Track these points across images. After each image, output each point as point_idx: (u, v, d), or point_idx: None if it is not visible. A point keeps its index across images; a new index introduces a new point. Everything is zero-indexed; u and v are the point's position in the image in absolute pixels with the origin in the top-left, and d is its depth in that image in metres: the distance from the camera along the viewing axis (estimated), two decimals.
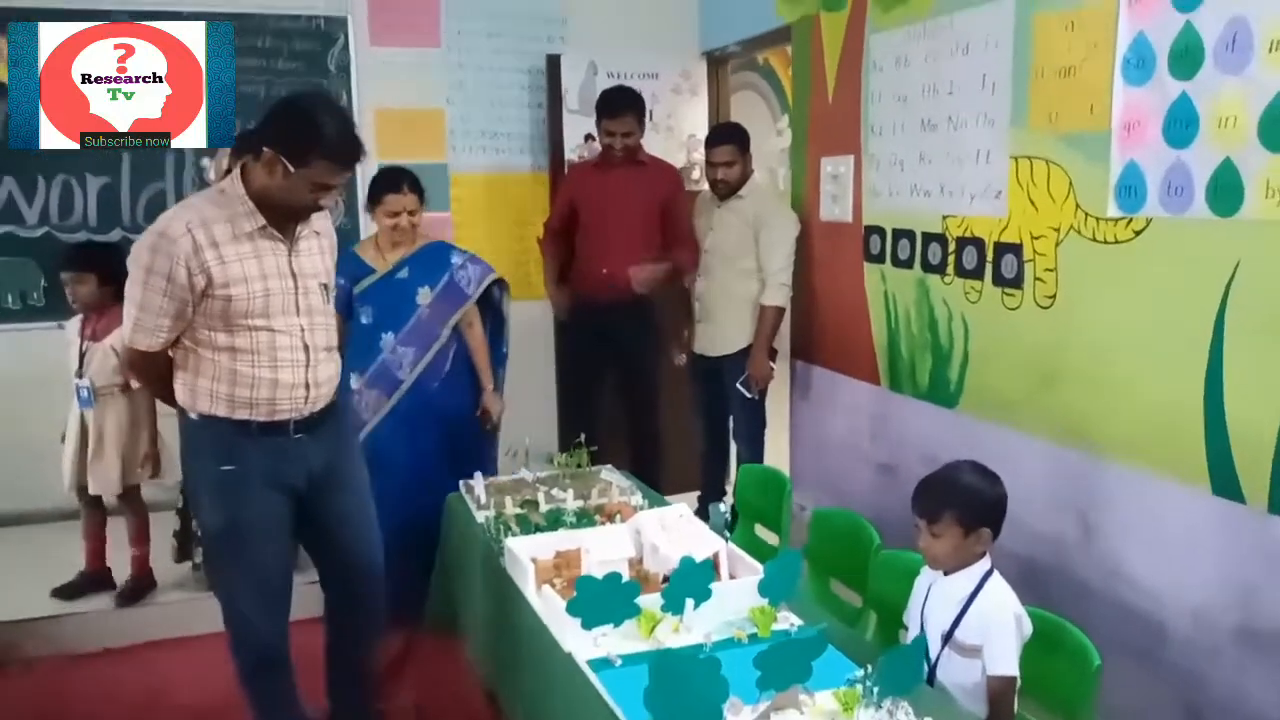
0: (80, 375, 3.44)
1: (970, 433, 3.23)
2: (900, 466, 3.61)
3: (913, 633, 2.19)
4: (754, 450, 4.12)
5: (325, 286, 2.50)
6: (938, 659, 2.07)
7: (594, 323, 4.22)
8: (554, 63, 4.81)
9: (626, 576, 2.15)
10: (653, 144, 4.96)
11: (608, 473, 3.22)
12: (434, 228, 4.62)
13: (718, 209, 4.06)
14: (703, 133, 5.00)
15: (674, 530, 2.50)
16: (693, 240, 4.18)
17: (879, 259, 3.72)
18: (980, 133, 3.14)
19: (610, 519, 2.80)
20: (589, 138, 4.78)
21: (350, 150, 2.28)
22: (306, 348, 2.41)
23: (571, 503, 2.90)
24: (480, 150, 4.86)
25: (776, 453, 4.32)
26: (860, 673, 1.82)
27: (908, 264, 3.55)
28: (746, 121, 6.65)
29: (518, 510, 2.88)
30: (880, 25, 3.63)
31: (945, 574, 2.09)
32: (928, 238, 3.43)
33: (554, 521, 2.79)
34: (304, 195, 2.28)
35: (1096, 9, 2.65)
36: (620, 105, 4.05)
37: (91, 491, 3.52)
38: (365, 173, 3.42)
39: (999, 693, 1.98)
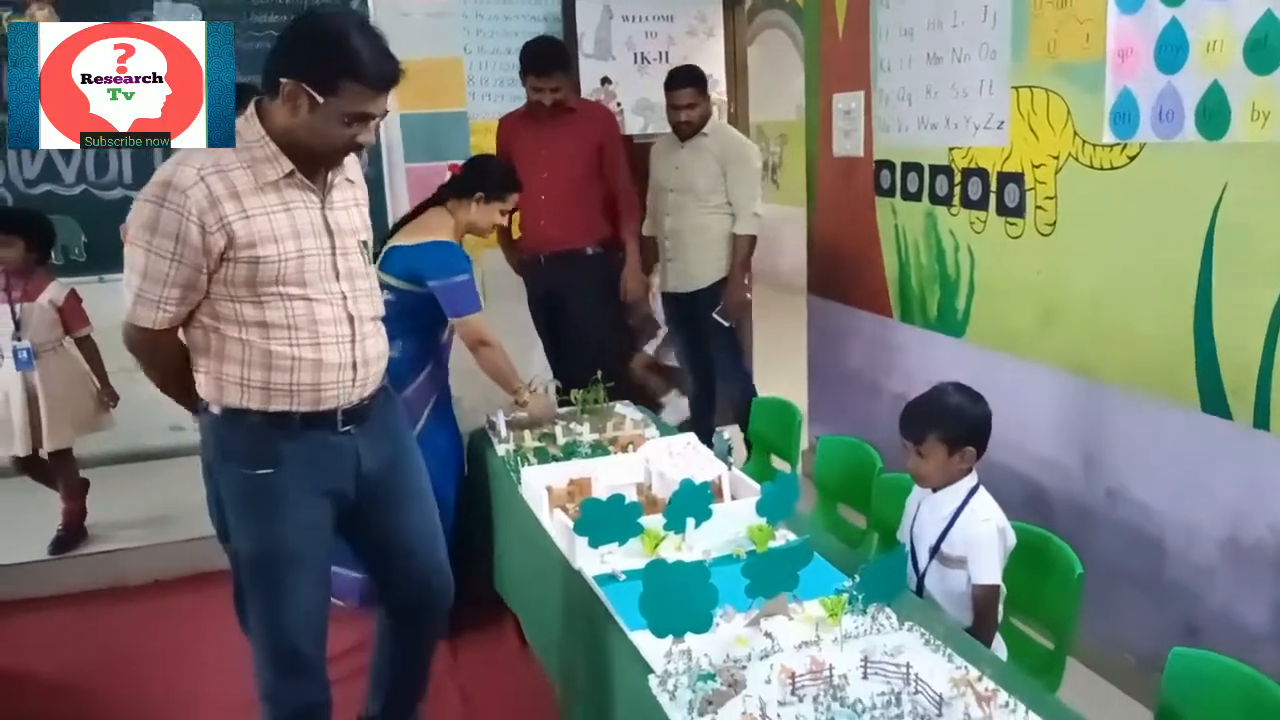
0: (18, 338, 3.46)
1: (977, 361, 3.30)
2: (912, 396, 3.68)
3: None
4: (743, 376, 4.24)
5: (365, 244, 2.11)
6: (926, 570, 2.18)
7: (543, 279, 4.16)
8: (569, 7, 4.84)
9: (633, 500, 2.28)
10: None
11: (622, 407, 3.34)
12: None
13: (681, 148, 4.07)
14: (720, 74, 5.05)
15: (680, 457, 2.61)
16: (631, 190, 4.17)
17: (889, 193, 3.77)
18: (983, 64, 3.17)
19: (623, 449, 2.92)
20: (605, 81, 4.83)
21: (387, 69, 1.90)
22: (351, 319, 2.04)
23: (587, 435, 3.02)
24: (499, 97, 4.90)
25: (795, 387, 4.41)
26: (848, 582, 1.94)
27: (916, 196, 3.60)
28: (774, 60, 6.61)
29: (536, 443, 3.01)
30: None
31: (934, 491, 2.19)
32: (935, 170, 3.48)
33: (570, 453, 2.92)
34: (338, 131, 1.90)
35: None
36: (548, 63, 3.93)
37: (48, 448, 3.55)
38: None
39: (983, 600, 2.09)
